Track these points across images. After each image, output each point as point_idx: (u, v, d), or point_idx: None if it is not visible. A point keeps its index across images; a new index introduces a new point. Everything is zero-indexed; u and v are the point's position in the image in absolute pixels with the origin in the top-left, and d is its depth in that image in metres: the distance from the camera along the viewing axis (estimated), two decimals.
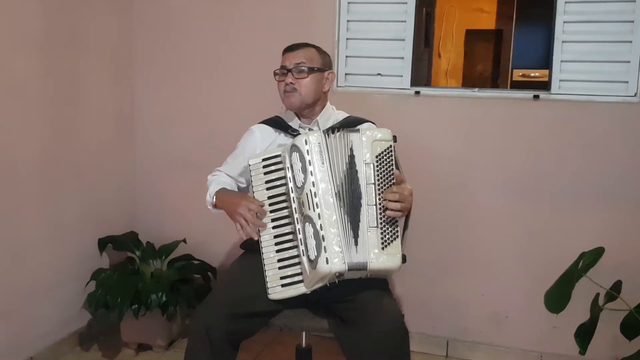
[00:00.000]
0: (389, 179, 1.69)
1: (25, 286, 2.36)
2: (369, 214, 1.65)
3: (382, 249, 1.64)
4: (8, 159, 2.24)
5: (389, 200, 1.65)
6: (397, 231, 1.68)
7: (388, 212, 1.65)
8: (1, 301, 2.25)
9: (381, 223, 1.66)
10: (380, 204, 1.66)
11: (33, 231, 2.38)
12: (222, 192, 1.87)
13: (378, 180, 1.67)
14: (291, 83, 1.87)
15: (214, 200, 1.87)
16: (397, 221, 1.70)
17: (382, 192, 1.67)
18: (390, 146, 1.71)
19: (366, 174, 1.67)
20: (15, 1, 2.22)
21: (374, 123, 1.98)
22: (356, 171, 1.68)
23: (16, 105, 2.26)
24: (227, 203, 1.82)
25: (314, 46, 1.95)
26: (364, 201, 1.66)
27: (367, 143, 1.69)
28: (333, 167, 1.67)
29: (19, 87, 2.26)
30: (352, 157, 1.68)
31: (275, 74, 1.92)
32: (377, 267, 1.63)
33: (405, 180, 1.78)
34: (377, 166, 1.68)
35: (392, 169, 1.70)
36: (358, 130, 1.71)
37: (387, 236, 1.66)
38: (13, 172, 2.26)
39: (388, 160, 1.70)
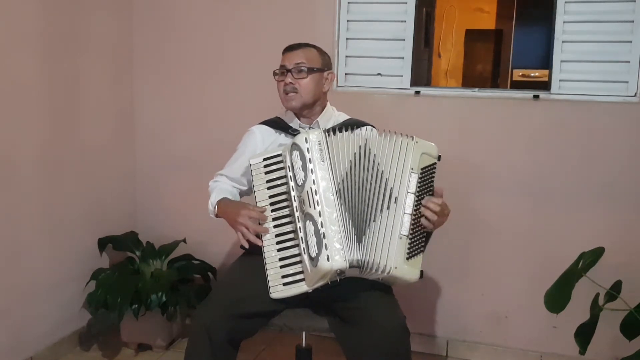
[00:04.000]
0: (428, 194, 1.70)
1: (25, 286, 2.36)
2: (403, 221, 1.65)
3: (407, 259, 1.65)
4: (8, 159, 2.24)
5: (428, 208, 1.66)
6: (423, 246, 1.70)
7: (423, 220, 1.67)
8: (1, 301, 2.25)
9: (411, 233, 1.66)
10: (415, 214, 1.67)
11: (33, 231, 2.38)
12: (222, 202, 1.88)
13: (417, 191, 1.68)
14: (290, 83, 1.87)
15: (216, 210, 1.88)
16: (425, 236, 1.71)
17: (419, 203, 1.68)
18: (435, 163, 1.73)
19: (409, 182, 1.67)
20: (15, 1, 2.22)
21: (374, 127, 1.97)
22: (381, 172, 1.67)
23: (16, 105, 2.26)
24: (227, 213, 1.83)
25: (313, 46, 1.95)
26: (399, 207, 1.66)
27: (417, 153, 1.69)
28: (334, 165, 1.66)
29: (19, 87, 2.26)
30: (369, 155, 1.68)
31: (275, 73, 1.92)
32: (398, 274, 1.63)
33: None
34: (420, 178, 1.69)
35: (432, 186, 1.72)
36: (412, 138, 1.70)
37: (414, 248, 1.66)
38: (13, 172, 2.26)
39: (430, 175, 1.72)
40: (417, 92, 2.60)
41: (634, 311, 1.85)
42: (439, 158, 1.75)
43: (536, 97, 2.48)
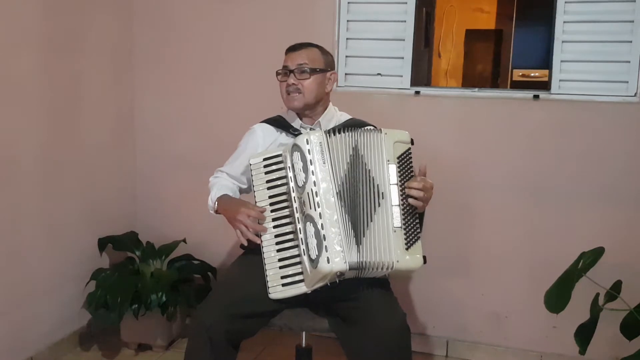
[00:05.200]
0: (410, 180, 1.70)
1: (25, 286, 2.36)
2: (393, 214, 1.65)
3: (406, 249, 1.65)
4: (8, 159, 2.23)
5: (412, 188, 1.65)
6: (419, 232, 1.69)
7: (410, 200, 1.66)
8: (1, 301, 2.25)
9: (404, 223, 1.66)
10: (403, 204, 1.66)
11: (33, 231, 2.38)
12: (223, 199, 1.88)
13: (400, 181, 1.68)
14: (293, 84, 1.87)
15: (216, 206, 1.88)
16: (419, 222, 1.70)
17: (404, 193, 1.67)
18: (410, 149, 1.72)
19: (389, 174, 1.67)
20: (15, 1, 2.22)
21: (375, 127, 1.96)
22: (368, 170, 1.67)
23: (16, 105, 2.26)
24: (227, 210, 1.83)
25: (316, 46, 1.94)
26: (387, 202, 1.66)
27: (389, 143, 1.69)
28: (335, 167, 1.66)
29: (19, 86, 2.26)
30: (359, 156, 1.68)
31: (277, 73, 1.92)
32: (402, 267, 1.64)
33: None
34: (399, 167, 1.69)
35: (412, 171, 1.72)
36: (380, 130, 1.71)
37: (410, 236, 1.66)
38: (13, 171, 2.26)
39: (408, 162, 1.71)
40: (417, 92, 2.60)
41: (634, 311, 1.85)
42: (412, 142, 1.74)
43: (536, 97, 2.48)
